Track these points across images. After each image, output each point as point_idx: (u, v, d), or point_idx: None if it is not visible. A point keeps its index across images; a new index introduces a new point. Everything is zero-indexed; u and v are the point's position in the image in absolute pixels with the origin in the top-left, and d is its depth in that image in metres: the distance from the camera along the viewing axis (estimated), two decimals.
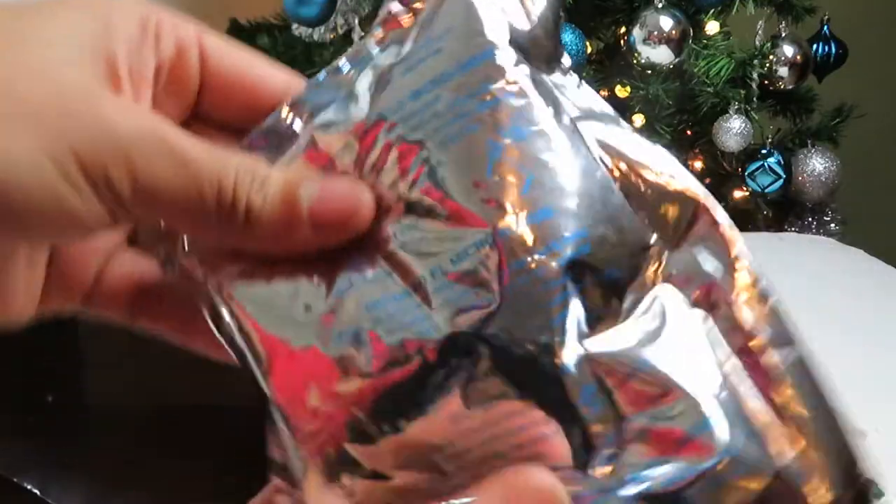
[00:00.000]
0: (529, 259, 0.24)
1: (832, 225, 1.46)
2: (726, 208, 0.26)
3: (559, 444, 0.23)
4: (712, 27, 1.38)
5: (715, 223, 0.26)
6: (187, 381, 0.60)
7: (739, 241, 0.25)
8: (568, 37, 1.29)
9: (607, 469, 0.23)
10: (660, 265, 0.25)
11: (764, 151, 1.38)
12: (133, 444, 0.56)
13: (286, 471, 0.25)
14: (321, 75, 0.28)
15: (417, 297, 0.24)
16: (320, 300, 0.25)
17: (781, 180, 1.37)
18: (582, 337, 0.24)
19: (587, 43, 1.34)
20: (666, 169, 0.26)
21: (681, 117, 1.40)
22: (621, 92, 1.41)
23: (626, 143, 0.26)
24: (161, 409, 0.60)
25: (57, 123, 0.23)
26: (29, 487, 0.50)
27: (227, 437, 0.57)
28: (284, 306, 0.26)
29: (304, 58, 1.40)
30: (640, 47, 1.32)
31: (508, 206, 0.24)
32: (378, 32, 0.28)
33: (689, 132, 1.45)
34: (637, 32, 1.32)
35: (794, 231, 1.42)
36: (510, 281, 0.24)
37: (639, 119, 1.39)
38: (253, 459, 0.54)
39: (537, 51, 0.26)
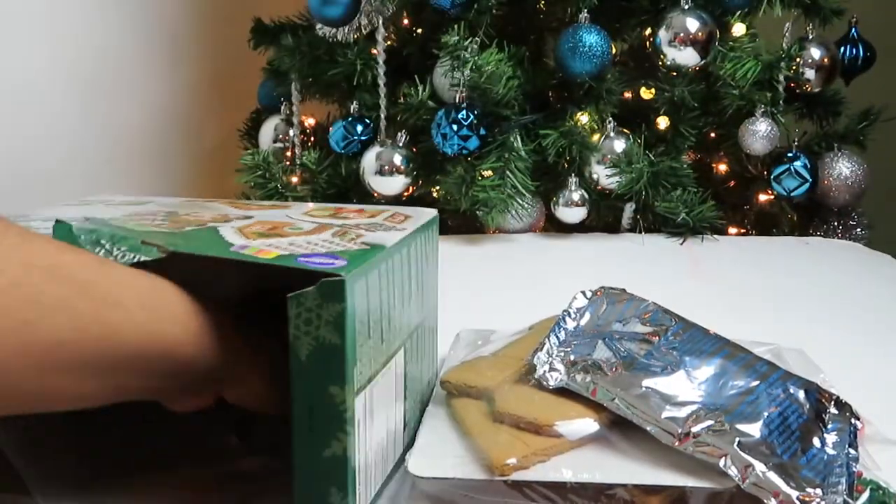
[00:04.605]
0: None
1: (858, 229, 1.44)
2: (751, 211, 0.25)
3: None
4: (739, 29, 1.37)
5: None
6: None
7: None
8: (593, 38, 1.29)
9: None
10: None
11: (790, 155, 1.36)
12: (129, 453, 0.56)
13: None
14: None
15: None
16: None
17: (807, 184, 1.36)
18: None
19: (612, 44, 1.33)
20: None
21: (706, 120, 1.40)
22: (646, 94, 1.41)
23: None
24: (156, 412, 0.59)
25: None
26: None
27: (214, 445, 0.57)
28: None
29: (328, 58, 1.40)
30: (666, 49, 1.32)
31: None
32: None
33: (714, 135, 1.45)
34: (663, 34, 1.32)
35: (820, 235, 1.41)
36: None
37: (663, 121, 1.39)
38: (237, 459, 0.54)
39: None
